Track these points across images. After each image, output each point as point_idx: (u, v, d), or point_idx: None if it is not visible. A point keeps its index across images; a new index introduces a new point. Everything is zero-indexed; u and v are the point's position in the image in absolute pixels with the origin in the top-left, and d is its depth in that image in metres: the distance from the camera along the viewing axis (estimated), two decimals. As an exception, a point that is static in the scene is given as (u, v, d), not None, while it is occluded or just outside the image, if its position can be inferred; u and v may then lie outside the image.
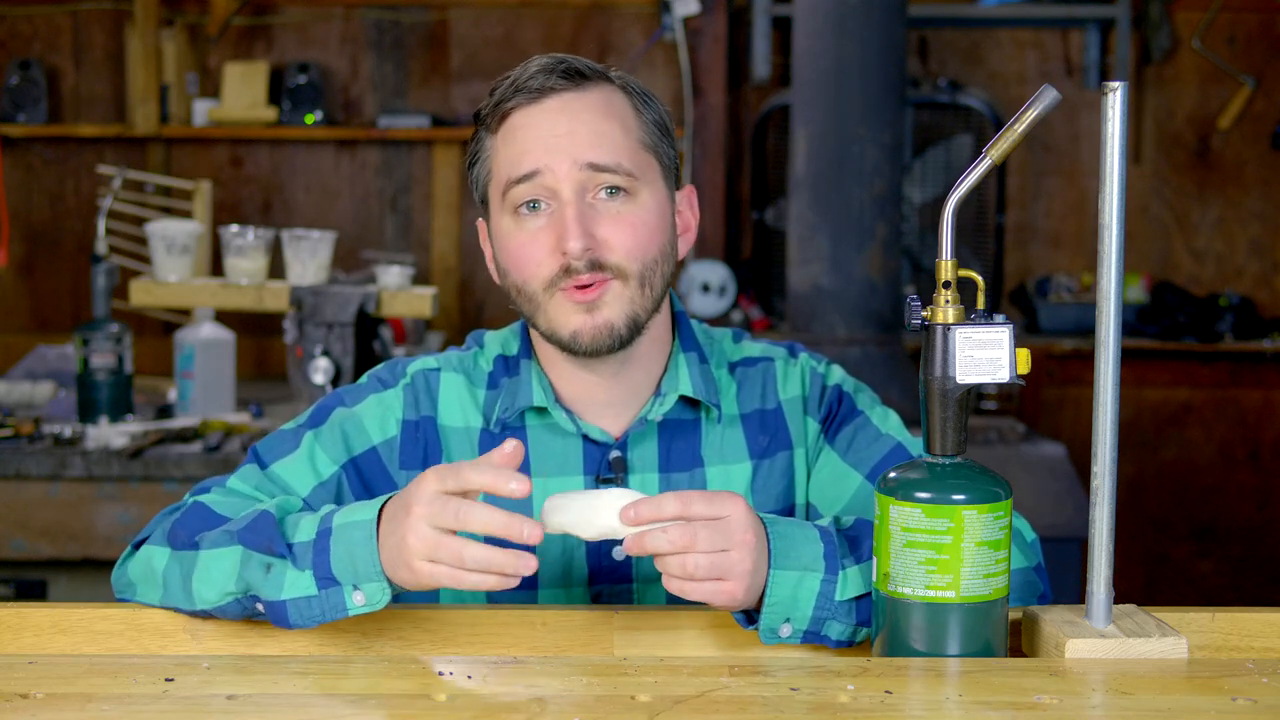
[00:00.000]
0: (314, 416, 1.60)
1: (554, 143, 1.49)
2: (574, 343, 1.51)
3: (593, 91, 1.53)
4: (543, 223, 1.50)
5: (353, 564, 1.35)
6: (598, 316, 1.50)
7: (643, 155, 1.53)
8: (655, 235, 1.52)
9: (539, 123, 1.51)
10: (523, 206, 1.51)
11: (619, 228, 1.50)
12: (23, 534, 3.15)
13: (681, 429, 1.59)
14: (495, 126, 1.54)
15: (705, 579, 1.32)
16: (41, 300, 5.12)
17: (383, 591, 1.35)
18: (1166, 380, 4.77)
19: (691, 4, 4.82)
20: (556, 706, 1.18)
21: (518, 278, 1.53)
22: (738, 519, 1.33)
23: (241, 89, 4.87)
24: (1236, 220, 5.13)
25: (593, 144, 1.50)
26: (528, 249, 1.51)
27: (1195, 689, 1.23)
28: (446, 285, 5.05)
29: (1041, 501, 3.41)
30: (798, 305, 3.71)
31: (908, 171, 4.67)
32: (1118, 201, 1.29)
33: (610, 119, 1.52)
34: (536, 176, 1.49)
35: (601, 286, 1.49)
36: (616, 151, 1.50)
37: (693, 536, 1.30)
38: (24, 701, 1.19)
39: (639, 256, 1.50)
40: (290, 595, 1.36)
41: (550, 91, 1.51)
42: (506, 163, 1.52)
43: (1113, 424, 1.31)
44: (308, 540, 1.37)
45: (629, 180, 1.51)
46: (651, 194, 1.53)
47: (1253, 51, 5.06)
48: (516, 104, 1.52)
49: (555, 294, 1.50)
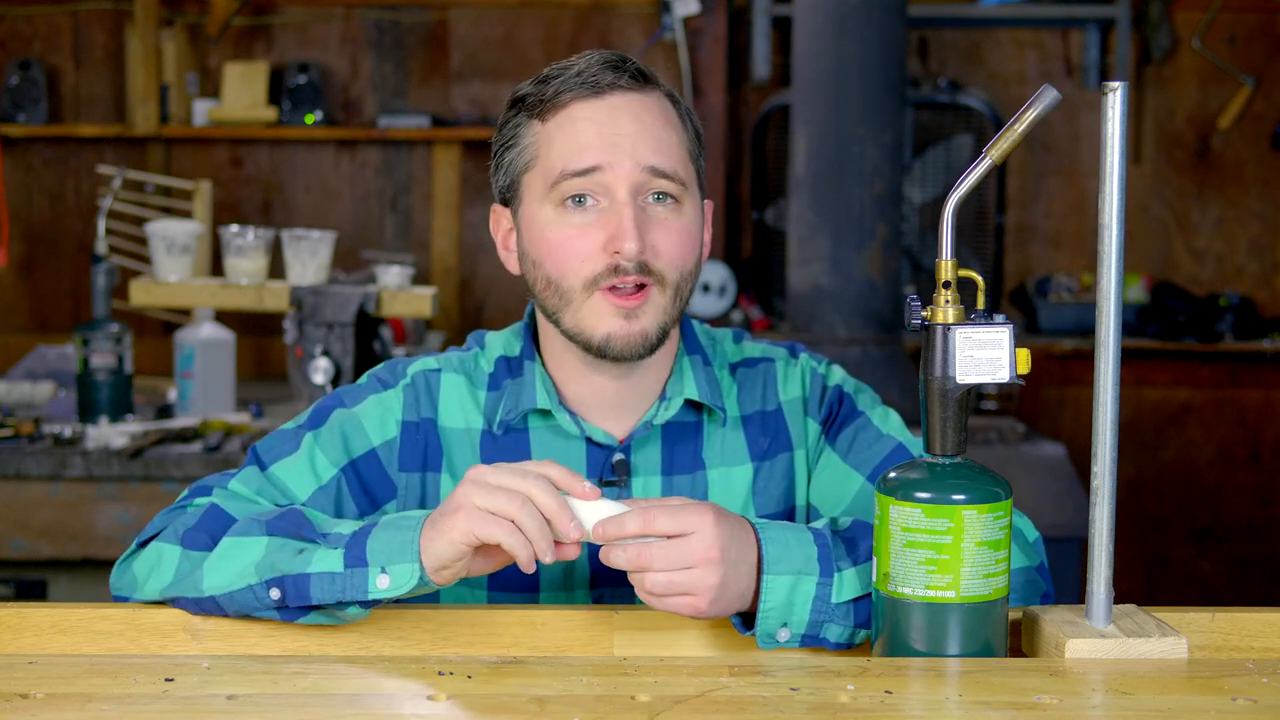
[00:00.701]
0: (313, 417, 1.59)
1: (617, 141, 1.48)
2: (605, 346, 1.49)
3: (652, 96, 1.52)
4: (592, 219, 1.49)
5: (389, 547, 1.35)
6: (634, 325, 1.49)
7: (689, 166, 1.53)
8: (695, 245, 1.53)
9: (602, 118, 1.49)
10: (569, 200, 1.50)
11: (668, 234, 1.50)
12: (23, 534, 3.15)
13: (684, 432, 1.59)
14: (548, 114, 1.51)
15: (665, 595, 1.33)
16: (41, 300, 5.12)
17: (411, 573, 1.34)
18: (1166, 380, 4.77)
19: (691, 4, 4.82)
20: (556, 706, 1.18)
21: (554, 270, 1.50)
22: (702, 535, 1.32)
23: (241, 89, 4.87)
24: (1236, 220, 5.13)
25: (654, 148, 1.49)
26: (574, 243, 1.49)
27: (1195, 689, 1.23)
28: (446, 285, 5.05)
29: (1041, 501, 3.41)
30: (798, 305, 3.71)
31: (908, 171, 4.67)
32: (1118, 201, 1.29)
33: (669, 126, 1.52)
34: (595, 173, 1.48)
35: (645, 294, 1.49)
36: (673, 158, 1.50)
37: (649, 557, 1.32)
38: (24, 701, 1.19)
39: (680, 265, 1.50)
40: (316, 569, 1.36)
41: (616, 88, 1.50)
42: (564, 153, 1.49)
43: (1113, 424, 1.31)
44: (348, 531, 1.38)
45: (679, 188, 1.51)
46: (693, 204, 1.53)
47: (1253, 51, 5.07)
48: (578, 95, 1.50)
49: (595, 294, 1.49)
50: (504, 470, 1.33)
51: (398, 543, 1.35)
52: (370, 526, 1.38)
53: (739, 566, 1.35)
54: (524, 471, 1.33)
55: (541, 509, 1.31)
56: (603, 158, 1.48)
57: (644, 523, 1.32)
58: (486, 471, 1.33)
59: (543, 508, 1.31)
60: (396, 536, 1.36)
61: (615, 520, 1.33)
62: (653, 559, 1.32)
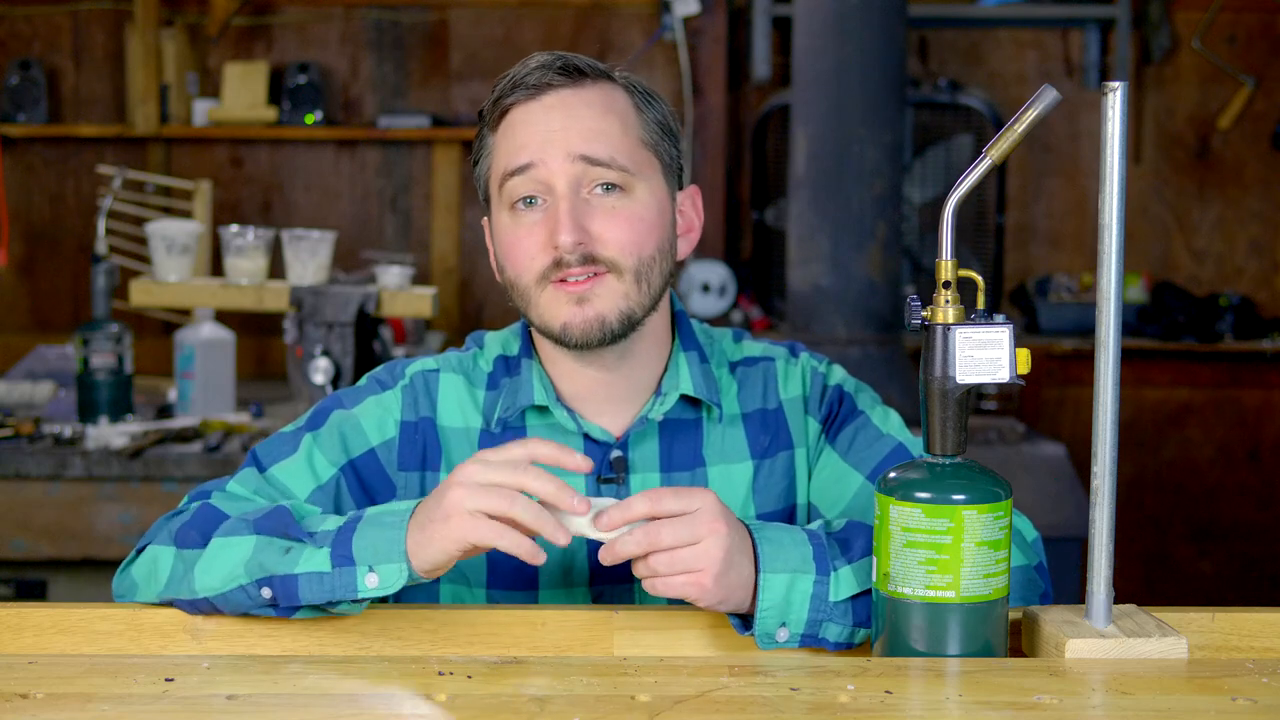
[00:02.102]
0: (312, 419, 1.60)
1: (549, 137, 1.50)
2: (564, 335, 1.51)
3: (591, 89, 1.53)
4: (538, 217, 1.51)
5: (374, 545, 1.35)
6: (588, 309, 1.50)
7: (641, 153, 1.53)
8: (652, 231, 1.52)
9: (536, 118, 1.51)
10: (519, 202, 1.52)
11: (613, 222, 1.50)
12: (23, 534, 3.15)
13: (683, 428, 1.59)
14: (495, 123, 1.55)
15: (673, 573, 1.32)
16: (41, 300, 5.12)
17: (400, 573, 1.34)
18: (1166, 380, 4.77)
19: (691, 4, 4.82)
20: (556, 706, 1.18)
21: (512, 272, 1.53)
22: (706, 510, 1.33)
23: (241, 89, 4.87)
24: (1236, 220, 5.13)
25: (587, 138, 1.50)
26: (522, 243, 1.51)
27: (1195, 689, 1.23)
28: (446, 285, 5.05)
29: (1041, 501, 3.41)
30: (798, 305, 3.71)
31: (908, 171, 4.67)
32: (1118, 201, 1.29)
33: (608, 115, 1.52)
34: (530, 169, 1.50)
35: (593, 280, 1.49)
36: (612, 147, 1.51)
37: (656, 534, 1.31)
38: (24, 701, 1.19)
39: (634, 252, 1.51)
40: (304, 570, 1.36)
41: (548, 88, 1.52)
42: (503, 156, 1.53)
43: (1113, 424, 1.31)
44: (333, 528, 1.38)
45: (624, 176, 1.51)
46: (649, 191, 1.53)
47: (1253, 51, 5.06)
48: (515, 100, 1.53)
49: (546, 287, 1.50)
50: (492, 466, 1.32)
51: (384, 541, 1.35)
52: (354, 522, 1.38)
53: (737, 555, 1.35)
54: (513, 463, 1.32)
55: (539, 496, 1.31)
56: (535, 154, 1.50)
57: (651, 502, 1.32)
58: (474, 471, 1.32)
59: (540, 494, 1.31)
60: (382, 535, 1.35)
61: (619, 506, 1.33)
62: (662, 535, 1.31)
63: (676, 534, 1.32)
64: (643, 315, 1.53)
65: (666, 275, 1.55)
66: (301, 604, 1.37)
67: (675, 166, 1.58)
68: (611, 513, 1.33)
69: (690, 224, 1.61)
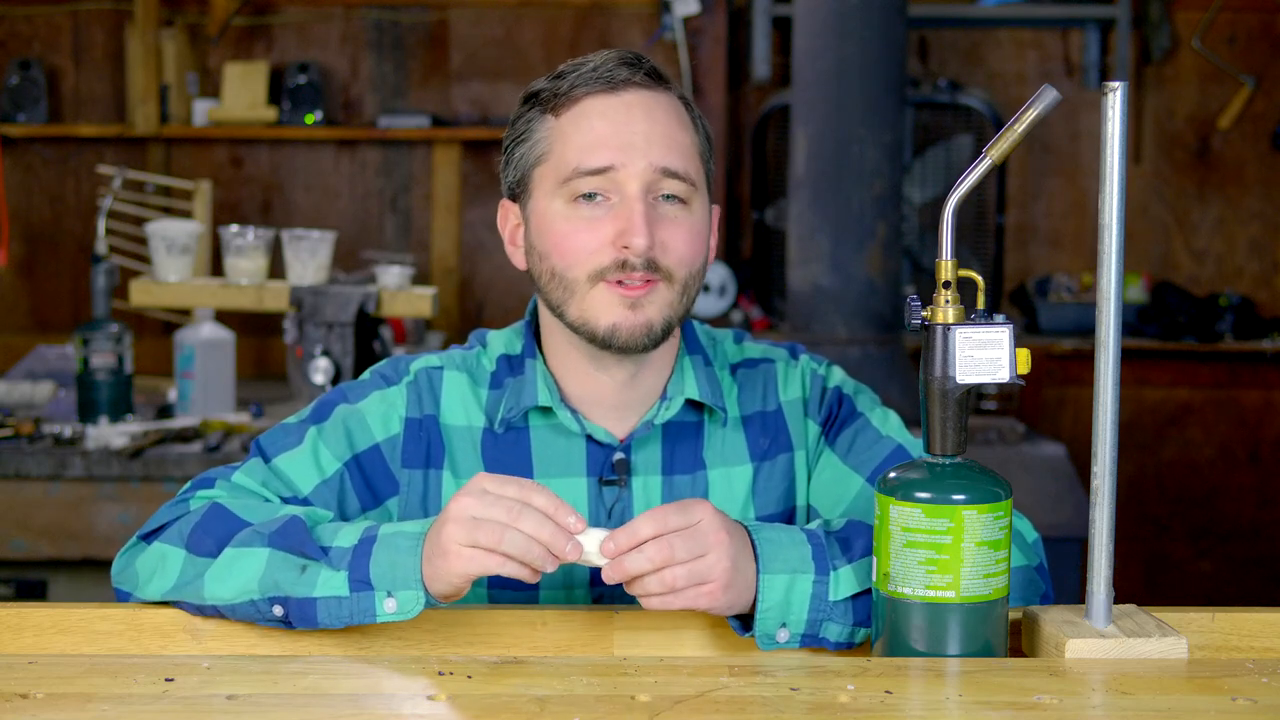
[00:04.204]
0: (317, 412, 1.59)
1: (631, 140, 1.48)
2: (611, 336, 1.49)
3: (664, 96, 1.53)
4: (602, 213, 1.49)
5: (392, 570, 1.35)
6: (639, 314, 1.49)
7: (699, 168, 1.54)
8: (703, 245, 1.54)
9: (616, 116, 1.50)
10: (581, 196, 1.50)
11: (678, 233, 1.50)
12: (23, 534, 3.15)
13: (685, 432, 1.59)
14: (562, 109, 1.51)
15: (687, 587, 1.32)
16: (41, 300, 5.12)
17: (417, 600, 1.35)
18: (1166, 380, 4.77)
19: (691, 4, 4.82)
20: (556, 706, 1.18)
21: (560, 262, 1.51)
22: (708, 522, 1.33)
23: (241, 89, 4.87)
24: (1236, 220, 5.13)
25: (668, 148, 1.49)
26: (581, 235, 1.49)
27: (1195, 689, 1.23)
28: (446, 285, 5.05)
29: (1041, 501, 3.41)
30: (798, 305, 3.71)
31: (908, 171, 4.67)
32: (1118, 201, 1.29)
33: (682, 127, 1.52)
34: (609, 172, 1.48)
35: (650, 286, 1.49)
36: (685, 159, 1.51)
37: (670, 549, 1.31)
38: (24, 701, 1.19)
39: (689, 263, 1.51)
40: (322, 594, 1.36)
41: (630, 85, 1.50)
42: (577, 150, 1.50)
43: (1113, 424, 1.31)
44: (349, 546, 1.38)
45: (689, 190, 1.51)
46: (701, 205, 1.54)
47: (1253, 51, 5.06)
48: (593, 90, 1.50)
49: (599, 285, 1.49)
50: (488, 501, 1.31)
51: (401, 567, 1.35)
52: (369, 542, 1.37)
53: (740, 560, 1.35)
54: (507, 504, 1.31)
55: (533, 536, 1.30)
56: (617, 157, 1.48)
57: (656, 523, 1.32)
58: (469, 505, 1.32)
59: (534, 536, 1.30)
60: (399, 560, 1.35)
61: (624, 530, 1.32)
62: (674, 550, 1.31)
63: (687, 548, 1.32)
64: (678, 325, 1.54)
65: (699, 289, 1.56)
66: (319, 627, 1.37)
67: (712, 183, 1.59)
68: (619, 538, 1.32)
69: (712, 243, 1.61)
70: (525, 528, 1.30)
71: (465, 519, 1.31)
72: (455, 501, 1.33)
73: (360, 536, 1.38)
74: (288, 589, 1.37)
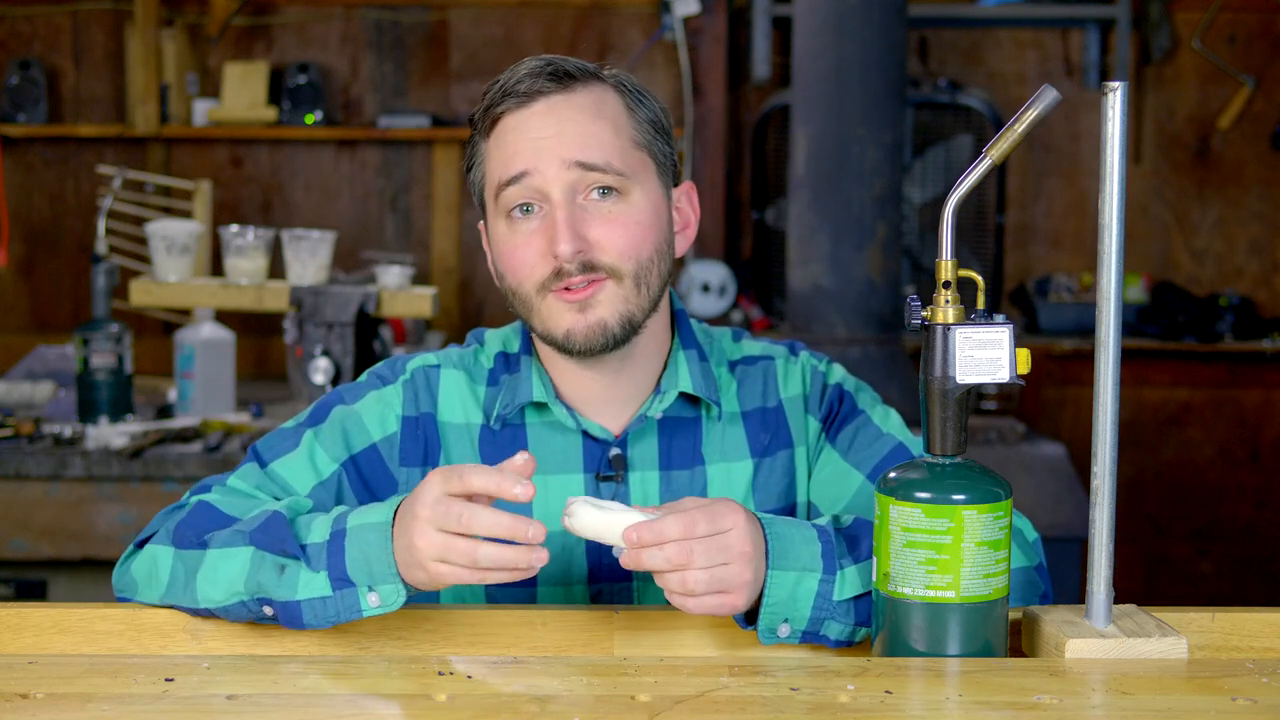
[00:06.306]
0: (314, 414, 1.60)
1: (542, 144, 1.50)
2: (568, 342, 1.51)
3: (582, 93, 1.53)
4: (535, 225, 1.51)
5: (368, 566, 1.35)
6: (590, 316, 1.50)
7: (635, 154, 1.53)
8: (649, 234, 1.52)
9: (528, 125, 1.51)
10: (515, 210, 1.51)
11: (611, 228, 1.50)
12: (23, 534, 3.15)
13: (682, 426, 1.59)
14: (487, 131, 1.55)
15: (705, 593, 1.32)
16: (41, 300, 5.12)
17: (397, 593, 1.35)
18: (1166, 380, 4.77)
19: (691, 4, 4.82)
20: (556, 706, 1.18)
21: (512, 280, 1.53)
22: (738, 532, 1.33)
23: (241, 89, 4.87)
24: (1236, 220, 5.13)
25: (581, 144, 1.50)
26: (520, 252, 1.51)
27: (1195, 689, 1.23)
28: (446, 285, 5.05)
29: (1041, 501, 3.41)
30: (798, 305, 3.71)
31: (908, 171, 4.67)
32: (1118, 201, 1.29)
33: (600, 119, 1.52)
34: (525, 178, 1.50)
35: (594, 286, 1.49)
36: (606, 151, 1.50)
37: (690, 554, 1.30)
38: (24, 701, 1.19)
39: (632, 256, 1.51)
40: (305, 596, 1.36)
41: (538, 94, 1.51)
42: (498, 166, 1.53)
43: (1113, 424, 1.31)
44: (321, 541, 1.38)
45: (620, 180, 1.51)
46: (644, 193, 1.53)
47: (1253, 51, 5.06)
48: (506, 108, 1.52)
49: (547, 296, 1.50)
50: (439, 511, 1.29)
51: (375, 561, 1.35)
52: (340, 536, 1.37)
53: (762, 562, 1.35)
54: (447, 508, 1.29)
55: (490, 534, 1.28)
56: (529, 162, 1.50)
57: (685, 528, 1.31)
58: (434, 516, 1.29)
59: (492, 532, 1.28)
60: (371, 554, 1.35)
61: (650, 527, 1.30)
62: (694, 556, 1.31)
63: (709, 556, 1.31)
64: (643, 318, 1.53)
65: (665, 276, 1.55)
66: (307, 628, 1.38)
67: (669, 164, 1.58)
68: (643, 532, 1.30)
69: (687, 220, 1.61)
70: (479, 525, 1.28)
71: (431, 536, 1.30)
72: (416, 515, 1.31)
73: (330, 530, 1.38)
74: (270, 591, 1.38)
